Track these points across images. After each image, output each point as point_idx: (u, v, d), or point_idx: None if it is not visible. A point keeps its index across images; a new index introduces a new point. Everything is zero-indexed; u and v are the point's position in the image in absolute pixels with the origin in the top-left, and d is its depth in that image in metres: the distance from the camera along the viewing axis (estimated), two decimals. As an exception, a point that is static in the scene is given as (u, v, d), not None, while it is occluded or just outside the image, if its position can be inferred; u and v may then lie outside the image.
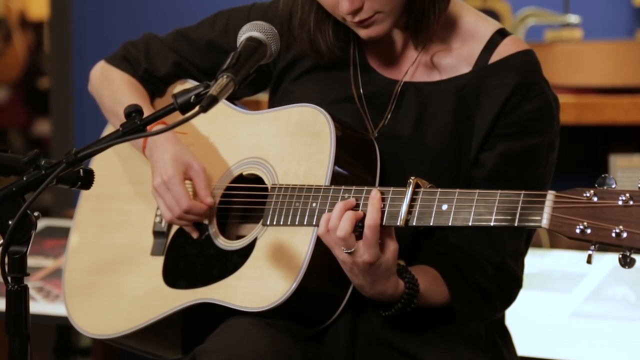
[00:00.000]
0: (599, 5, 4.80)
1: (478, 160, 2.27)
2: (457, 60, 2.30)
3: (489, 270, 2.27)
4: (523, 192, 1.96)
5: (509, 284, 2.31)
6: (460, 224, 2.01)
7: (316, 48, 2.35)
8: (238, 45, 2.13)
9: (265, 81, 2.49)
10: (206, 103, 1.99)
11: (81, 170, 1.98)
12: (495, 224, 1.97)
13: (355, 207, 2.13)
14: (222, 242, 2.36)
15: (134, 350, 2.55)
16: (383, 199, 2.09)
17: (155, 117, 2.02)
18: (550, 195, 1.91)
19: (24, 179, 1.94)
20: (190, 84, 2.53)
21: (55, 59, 5.13)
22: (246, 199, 2.35)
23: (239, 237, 2.37)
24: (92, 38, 5.04)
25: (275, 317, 2.22)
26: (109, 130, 2.60)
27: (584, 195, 1.87)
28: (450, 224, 2.02)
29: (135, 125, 1.98)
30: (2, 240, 1.90)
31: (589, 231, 1.85)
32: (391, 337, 2.26)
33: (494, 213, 1.98)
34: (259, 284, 2.23)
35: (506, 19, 4.81)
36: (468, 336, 2.31)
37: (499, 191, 1.98)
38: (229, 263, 2.31)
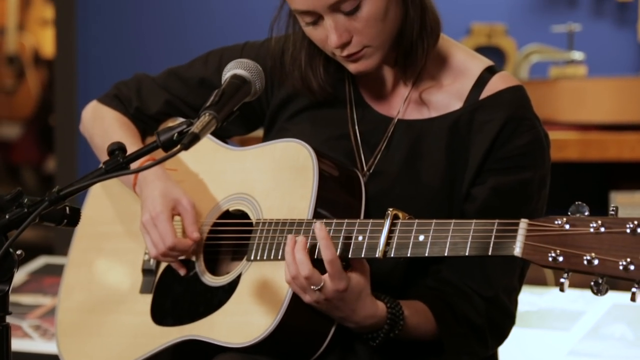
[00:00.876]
0: (604, 41, 4.79)
1: (470, 194, 2.26)
2: (448, 96, 2.31)
3: (480, 305, 2.25)
4: (497, 221, 1.96)
5: (502, 320, 2.29)
6: (436, 254, 2.02)
7: (307, 85, 2.36)
8: (222, 82, 2.15)
9: (258, 120, 2.50)
10: (187, 140, 2.00)
11: (67, 208, 1.98)
12: (469, 253, 1.98)
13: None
14: (209, 279, 2.36)
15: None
16: (362, 231, 2.10)
17: (138, 155, 2.03)
18: (523, 223, 1.92)
19: (6, 217, 1.93)
20: (180, 121, 2.52)
21: (61, 97, 5.15)
22: (232, 235, 2.35)
23: (223, 273, 2.37)
24: (97, 76, 5.05)
25: (261, 352, 2.21)
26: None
27: (556, 222, 1.87)
28: (427, 255, 2.03)
29: (117, 163, 1.99)
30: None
31: (561, 259, 1.85)
32: None
33: (469, 242, 1.98)
34: (243, 320, 2.23)
35: (511, 55, 4.80)
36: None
37: (474, 221, 1.99)
38: (215, 299, 2.31)
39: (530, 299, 3.41)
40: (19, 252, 1.92)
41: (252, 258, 2.26)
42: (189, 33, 4.98)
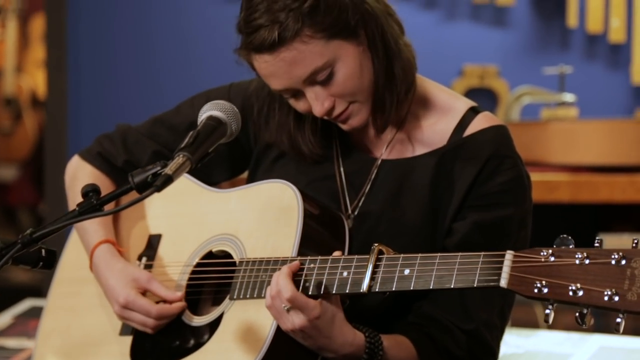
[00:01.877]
0: (596, 83, 4.78)
1: (451, 229, 2.26)
2: (432, 135, 2.32)
3: (461, 339, 2.24)
4: (483, 253, 1.97)
5: (482, 354, 2.27)
6: (421, 287, 2.02)
7: (297, 149, 2.35)
8: (198, 124, 2.14)
9: (245, 162, 2.49)
10: (160, 182, 1.99)
11: (43, 250, 1.97)
12: (455, 285, 1.98)
13: (300, 271, 2.14)
14: (190, 319, 2.34)
15: None
16: (347, 267, 2.10)
17: (112, 197, 2.02)
18: (509, 255, 1.93)
19: None
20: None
21: (51, 139, 5.13)
22: (215, 275, 2.33)
23: (206, 313, 2.34)
24: (88, 119, 5.03)
25: None
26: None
27: (542, 254, 1.87)
28: (412, 288, 2.02)
29: (91, 205, 1.98)
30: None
31: (545, 290, 1.85)
32: None
33: (454, 275, 1.99)
34: (224, 358, 2.20)
35: (503, 96, 4.78)
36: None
37: (459, 254, 2.00)
38: (196, 338, 2.30)
39: (517, 342, 3.36)
40: None
41: (235, 297, 2.24)
42: (180, 76, 4.96)
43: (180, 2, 4.98)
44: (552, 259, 1.85)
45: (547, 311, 1.84)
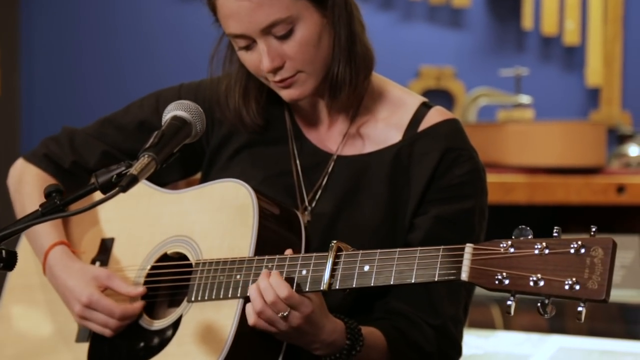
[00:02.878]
0: (552, 86, 4.81)
1: (413, 224, 2.26)
2: (386, 129, 2.32)
3: (430, 334, 2.24)
4: (442, 247, 1.97)
5: (449, 350, 2.27)
6: (382, 283, 2.00)
7: (240, 117, 2.34)
8: (162, 124, 2.12)
9: (197, 162, 2.47)
10: (126, 182, 1.97)
11: (3, 252, 1.93)
12: (416, 280, 1.97)
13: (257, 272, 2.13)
14: (147, 323, 2.30)
15: None
16: (305, 265, 2.10)
17: (76, 197, 1.99)
18: (469, 248, 1.92)
19: None
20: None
21: (3, 139, 5.06)
22: (171, 277, 2.31)
23: (163, 316, 2.31)
24: (40, 119, 4.97)
25: None
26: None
27: (501, 245, 1.87)
28: (372, 284, 2.02)
29: (54, 205, 1.96)
30: None
31: (507, 282, 1.84)
32: None
33: (415, 270, 1.98)
34: None
35: (459, 98, 4.79)
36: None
37: (419, 248, 1.99)
38: (155, 342, 2.26)
39: (477, 343, 3.37)
40: None
41: (192, 299, 2.22)
42: (132, 74, 4.92)
43: (137, 1, 4.93)
44: (512, 250, 1.84)
45: (509, 302, 1.83)
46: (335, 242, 2.07)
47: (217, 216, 2.26)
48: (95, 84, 4.97)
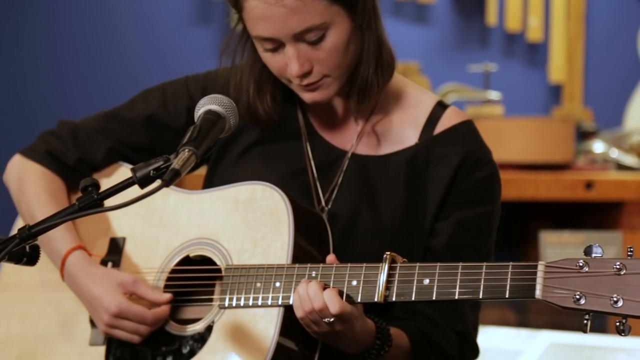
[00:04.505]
0: (515, 82, 4.86)
1: (434, 229, 2.27)
2: (401, 130, 2.32)
3: (452, 338, 2.26)
4: (511, 263, 1.97)
5: (470, 354, 2.30)
6: (445, 298, 2.01)
7: (254, 112, 2.31)
8: (196, 119, 2.08)
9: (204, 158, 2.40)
10: (169, 177, 1.93)
11: (27, 247, 1.91)
12: (484, 296, 1.98)
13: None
14: (174, 328, 2.26)
15: None
16: (355, 276, 2.08)
17: (113, 192, 1.95)
18: (541, 265, 1.93)
19: None
20: (125, 167, 2.42)
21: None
22: (196, 282, 2.26)
23: (186, 321, 2.26)
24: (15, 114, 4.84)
25: None
26: (19, 223, 2.46)
27: (576, 265, 1.88)
28: (434, 299, 2.02)
29: (92, 200, 1.91)
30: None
31: (583, 301, 1.86)
32: None
33: (482, 286, 1.98)
34: None
35: (425, 94, 4.78)
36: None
37: (484, 264, 1.99)
38: (184, 349, 2.22)
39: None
40: None
41: (226, 305, 2.18)
42: (106, 70, 4.82)
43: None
44: (587, 269, 1.86)
45: (585, 322, 1.85)
46: (388, 253, 2.06)
47: (245, 220, 2.23)
48: (68, 79, 4.86)
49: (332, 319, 2.05)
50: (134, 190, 1.96)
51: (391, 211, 2.25)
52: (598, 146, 4.58)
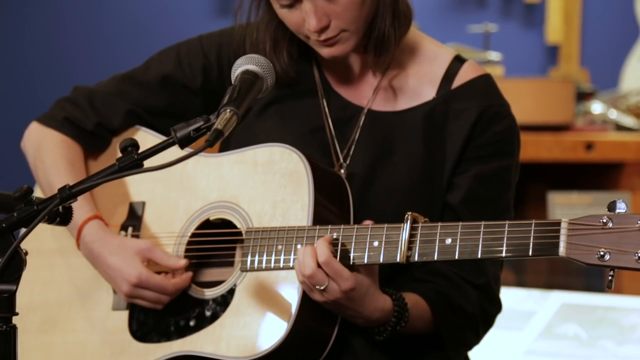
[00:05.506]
0: (515, 42, 4.86)
1: (452, 183, 2.29)
2: (418, 85, 2.32)
3: (472, 294, 2.28)
4: (534, 221, 1.99)
5: (492, 308, 2.33)
6: (468, 257, 2.02)
7: None
8: (233, 79, 2.09)
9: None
10: (212, 137, 1.93)
11: (60, 207, 1.91)
12: (506, 255, 1.99)
13: (335, 243, 2.13)
14: (195, 291, 2.28)
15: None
16: (376, 237, 2.10)
17: (153, 152, 1.93)
18: (564, 223, 1.95)
19: (15, 215, 1.86)
20: (143, 131, 2.43)
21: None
22: (217, 245, 2.29)
23: (208, 284, 2.29)
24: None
25: None
26: (37, 192, 2.47)
27: (600, 221, 1.90)
28: (457, 258, 2.03)
29: (132, 160, 1.89)
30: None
31: (607, 257, 1.88)
32: None
33: (505, 244, 2.00)
34: (245, 332, 2.17)
35: (423, 56, 4.77)
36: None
37: (507, 222, 2.01)
38: (207, 312, 2.25)
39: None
40: (25, 251, 1.86)
41: (247, 268, 2.20)
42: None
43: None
44: (611, 225, 1.88)
45: (610, 278, 1.88)
46: (410, 213, 2.08)
47: (264, 182, 2.24)
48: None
49: (325, 284, 2.06)
50: (160, 157, 1.95)
51: (409, 167, 2.27)
52: (596, 107, 4.59)
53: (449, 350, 2.25)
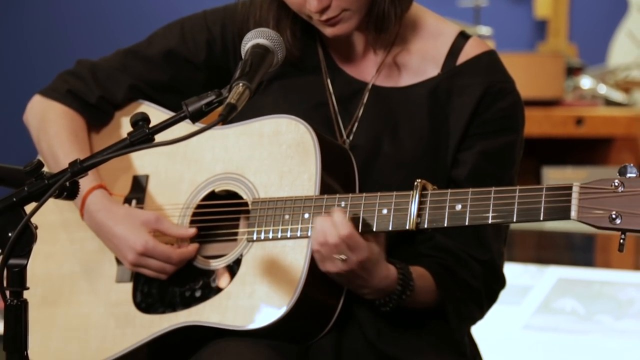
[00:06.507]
0: (504, 17, 4.86)
1: (457, 160, 2.31)
2: (423, 61, 2.35)
3: (477, 269, 2.31)
4: (545, 186, 2.02)
5: (496, 284, 2.35)
6: (479, 223, 2.05)
7: None
8: (244, 54, 2.11)
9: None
10: (226, 111, 1.95)
11: (67, 182, 1.92)
12: (517, 219, 2.02)
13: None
14: (201, 262, 2.30)
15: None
16: (385, 205, 2.12)
17: (164, 126, 1.95)
18: (575, 187, 1.98)
19: (25, 189, 1.88)
20: (146, 105, 2.45)
21: None
22: (222, 216, 2.30)
23: (214, 256, 2.31)
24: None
25: (269, 335, 2.19)
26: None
27: (611, 185, 1.93)
28: (467, 224, 2.06)
29: (144, 134, 1.91)
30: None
31: (619, 221, 1.91)
32: (383, 345, 2.26)
33: (515, 209, 2.02)
34: (252, 302, 2.19)
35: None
36: (454, 342, 2.33)
37: (517, 187, 2.05)
38: (212, 282, 2.26)
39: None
40: (35, 225, 1.88)
41: (254, 238, 2.22)
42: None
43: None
44: (622, 189, 1.91)
45: (621, 241, 1.91)
46: (419, 180, 2.10)
47: (271, 153, 2.26)
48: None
49: (345, 257, 2.08)
50: (169, 132, 1.96)
51: (413, 143, 2.29)
52: (585, 82, 4.62)
53: (453, 324, 2.27)
